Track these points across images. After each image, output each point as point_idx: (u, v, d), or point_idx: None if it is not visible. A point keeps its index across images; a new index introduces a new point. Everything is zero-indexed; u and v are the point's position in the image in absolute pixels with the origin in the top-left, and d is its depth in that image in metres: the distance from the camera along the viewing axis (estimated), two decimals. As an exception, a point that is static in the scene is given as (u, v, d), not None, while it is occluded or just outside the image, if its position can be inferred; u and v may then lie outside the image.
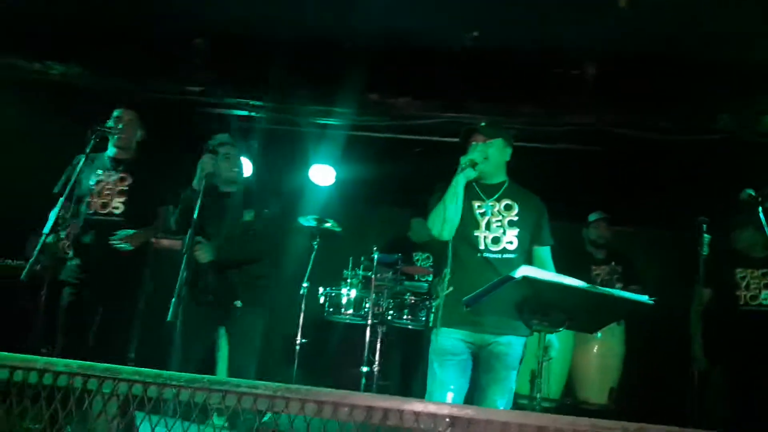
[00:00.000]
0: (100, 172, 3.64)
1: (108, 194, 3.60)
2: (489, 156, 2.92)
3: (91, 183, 3.61)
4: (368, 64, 4.45)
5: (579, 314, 2.46)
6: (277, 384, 1.32)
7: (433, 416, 1.25)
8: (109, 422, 1.43)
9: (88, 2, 4.35)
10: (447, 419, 1.24)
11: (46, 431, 1.43)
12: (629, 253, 5.07)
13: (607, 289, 2.33)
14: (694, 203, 4.04)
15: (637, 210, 5.57)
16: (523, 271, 2.27)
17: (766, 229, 3.11)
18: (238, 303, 3.46)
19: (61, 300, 3.55)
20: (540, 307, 2.41)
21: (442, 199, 2.85)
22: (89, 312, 3.50)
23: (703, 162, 4.77)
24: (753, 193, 3.24)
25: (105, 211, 3.58)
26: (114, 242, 3.44)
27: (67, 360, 1.42)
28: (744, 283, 4.15)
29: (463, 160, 2.86)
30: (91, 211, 3.58)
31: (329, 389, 1.33)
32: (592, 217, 4.98)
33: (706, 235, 3.46)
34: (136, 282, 3.67)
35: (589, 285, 2.31)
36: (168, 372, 1.37)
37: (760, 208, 3.16)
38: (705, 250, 3.47)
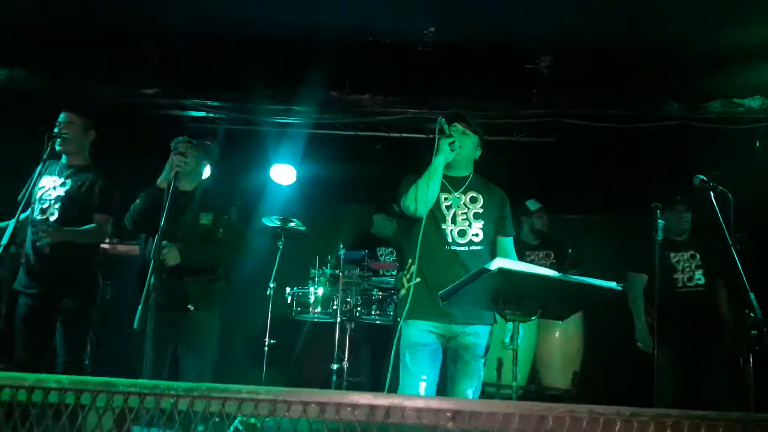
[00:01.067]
0: (46, 177, 3.53)
1: (47, 200, 3.50)
2: (464, 145, 2.98)
3: (36, 189, 3.49)
4: (328, 62, 4.44)
5: (551, 303, 2.54)
6: (278, 388, 1.33)
7: (435, 411, 1.28)
8: (104, 437, 1.40)
9: (38, 5, 4.19)
10: (448, 413, 1.27)
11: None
12: (563, 240, 5.24)
13: (579, 277, 2.41)
14: (646, 190, 4.20)
15: (589, 198, 5.76)
16: (498, 263, 2.33)
17: (718, 213, 3.24)
18: (191, 307, 3.41)
19: (17, 311, 3.44)
20: (514, 298, 2.48)
21: (422, 177, 2.88)
22: (45, 321, 3.40)
23: (655, 149, 4.97)
24: (705, 179, 3.38)
25: (43, 217, 3.48)
26: (35, 236, 3.33)
27: (58, 375, 1.38)
28: (679, 267, 4.33)
29: (443, 140, 2.89)
30: (34, 216, 3.48)
31: (330, 390, 1.34)
32: (533, 206, 5.09)
33: (660, 221, 3.60)
34: (88, 288, 3.55)
35: (561, 274, 2.39)
36: (165, 382, 1.36)
37: (711, 193, 3.28)
38: (660, 235, 3.59)
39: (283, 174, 5.70)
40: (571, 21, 4.18)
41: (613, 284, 2.39)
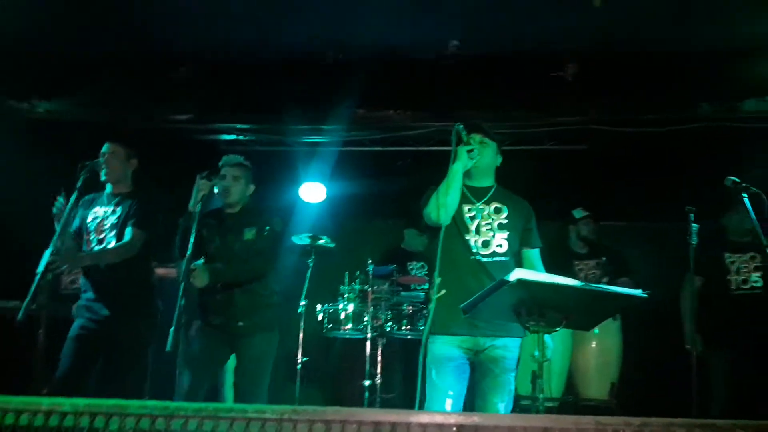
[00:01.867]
0: (96, 208, 3.63)
1: (103, 230, 3.59)
2: (483, 154, 2.97)
3: (88, 220, 3.60)
4: (354, 79, 4.48)
5: (574, 313, 2.48)
6: (283, 407, 1.34)
7: (440, 426, 1.27)
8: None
9: (71, 37, 4.37)
10: (454, 428, 1.26)
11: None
12: (615, 247, 5.12)
13: (600, 285, 2.36)
14: (681, 194, 4.10)
15: (624, 205, 5.64)
16: (517, 273, 2.29)
17: (751, 214, 3.15)
18: (241, 323, 3.44)
19: (69, 335, 3.50)
20: (536, 308, 2.43)
21: (441, 185, 2.88)
22: (96, 348, 3.48)
23: (687, 152, 4.84)
24: (737, 180, 3.28)
25: (102, 246, 3.57)
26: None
27: (73, 399, 1.43)
28: (734, 268, 4.20)
29: (461, 147, 2.88)
30: (88, 249, 3.57)
31: (336, 408, 1.35)
32: (578, 214, 5.02)
33: (694, 225, 3.51)
34: (147, 314, 3.62)
35: (582, 283, 2.34)
36: (175, 403, 1.38)
37: (745, 194, 3.19)
38: (694, 239, 3.51)
39: (313, 192, 5.76)
40: (596, 26, 4.13)
41: (638, 292, 2.33)
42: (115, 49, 4.56)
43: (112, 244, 3.56)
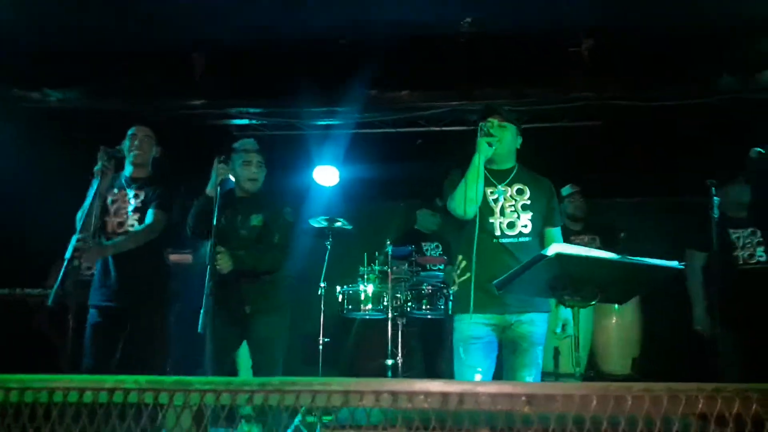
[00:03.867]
0: (115, 191, 3.62)
1: (123, 213, 3.59)
2: (503, 139, 2.97)
3: (108, 203, 3.59)
4: (366, 60, 4.44)
5: (610, 286, 2.49)
6: (349, 379, 1.34)
7: (510, 396, 1.27)
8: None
9: (80, 26, 4.33)
10: (524, 398, 1.26)
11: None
12: (611, 223, 5.09)
13: (639, 258, 2.35)
14: (699, 168, 4.07)
15: (641, 180, 5.61)
16: (555, 248, 2.30)
17: None
18: (247, 309, 3.45)
19: (88, 321, 3.51)
20: (572, 283, 2.44)
21: (464, 178, 2.88)
22: (118, 332, 3.48)
23: (708, 126, 4.81)
24: (762, 151, 3.26)
25: (122, 230, 3.57)
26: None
27: (136, 376, 1.43)
28: (740, 243, 4.19)
29: (481, 138, 2.89)
30: (109, 231, 3.56)
31: (400, 379, 1.35)
32: (565, 191, 4.98)
33: (715, 198, 3.49)
34: (164, 298, 3.65)
35: (620, 256, 2.34)
36: (238, 378, 1.38)
37: (772, 166, 3.18)
38: (716, 213, 3.49)
39: (326, 175, 5.75)
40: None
41: (674, 263, 2.33)
42: (127, 35, 4.51)
43: (135, 227, 3.55)
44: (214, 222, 3.15)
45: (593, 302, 2.52)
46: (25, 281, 4.41)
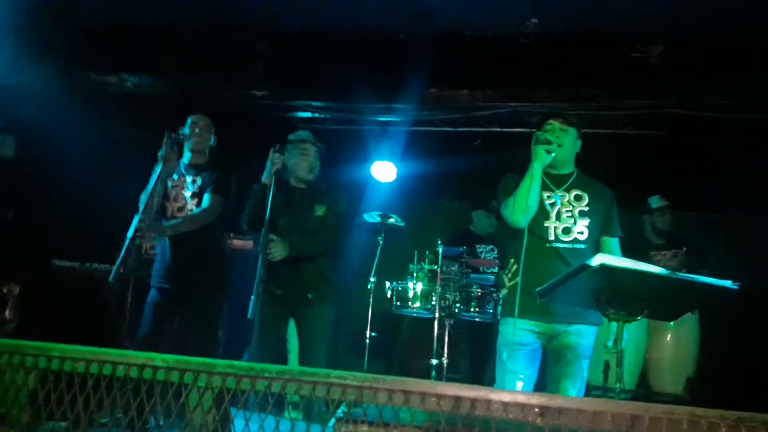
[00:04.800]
0: (175, 177, 3.76)
1: (182, 198, 3.73)
2: (563, 143, 2.90)
3: (168, 188, 3.74)
4: (427, 58, 4.42)
5: (658, 302, 2.40)
6: (364, 374, 1.35)
7: (522, 406, 1.25)
8: (205, 415, 1.49)
9: (150, 10, 4.50)
10: (536, 409, 1.24)
11: (135, 422, 1.51)
12: (694, 239, 4.88)
13: (688, 275, 2.25)
14: (763, 184, 3.85)
15: (700, 195, 5.35)
16: (599, 258, 2.23)
17: None
18: (311, 296, 3.52)
19: (147, 300, 3.66)
20: (617, 296, 2.36)
21: (520, 186, 2.83)
22: (173, 313, 3.63)
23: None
24: None
25: (181, 215, 3.71)
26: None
27: (165, 355, 1.49)
28: None
29: (539, 146, 2.83)
30: (169, 216, 3.71)
31: (416, 379, 1.35)
32: (655, 203, 4.80)
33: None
34: (220, 282, 3.77)
35: (669, 271, 2.24)
36: (260, 365, 1.42)
37: None
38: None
39: (384, 171, 5.79)
40: (681, 4, 3.90)
41: (728, 283, 2.22)
42: (195, 22, 4.66)
43: (193, 211, 3.68)
44: (267, 212, 3.23)
45: (639, 318, 2.44)
46: (92, 256, 4.66)
